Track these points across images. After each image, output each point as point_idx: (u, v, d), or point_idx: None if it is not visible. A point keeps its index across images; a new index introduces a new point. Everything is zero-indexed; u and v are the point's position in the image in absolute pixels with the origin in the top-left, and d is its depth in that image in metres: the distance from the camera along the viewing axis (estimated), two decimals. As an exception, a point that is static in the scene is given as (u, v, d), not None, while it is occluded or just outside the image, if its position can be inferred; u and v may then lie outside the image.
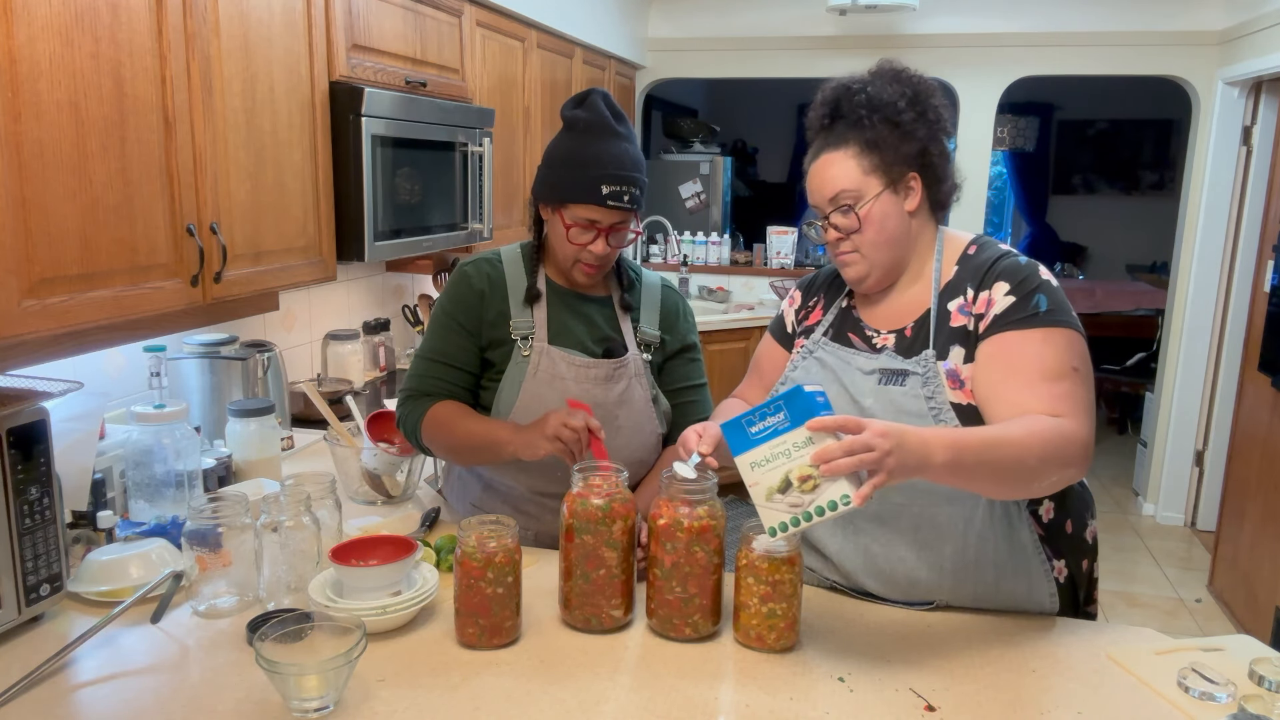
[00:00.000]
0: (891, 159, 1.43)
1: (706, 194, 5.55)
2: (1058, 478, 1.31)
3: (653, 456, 1.74)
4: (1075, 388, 1.34)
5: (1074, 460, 1.30)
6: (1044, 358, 1.34)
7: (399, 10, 2.53)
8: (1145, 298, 6.71)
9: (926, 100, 1.45)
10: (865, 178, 1.43)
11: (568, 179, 1.59)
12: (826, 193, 1.46)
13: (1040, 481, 1.31)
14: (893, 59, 1.51)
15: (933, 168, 1.46)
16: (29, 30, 1.41)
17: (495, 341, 1.68)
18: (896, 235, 1.45)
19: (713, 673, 1.28)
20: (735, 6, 4.87)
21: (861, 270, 1.48)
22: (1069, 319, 1.38)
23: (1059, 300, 1.39)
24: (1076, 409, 1.32)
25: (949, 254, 1.49)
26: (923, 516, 1.41)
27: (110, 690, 1.23)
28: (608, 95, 1.64)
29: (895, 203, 1.44)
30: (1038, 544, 1.43)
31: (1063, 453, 1.28)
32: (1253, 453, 3.56)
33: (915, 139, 1.43)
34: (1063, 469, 1.30)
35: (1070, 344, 1.36)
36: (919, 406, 1.39)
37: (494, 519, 1.36)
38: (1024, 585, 1.44)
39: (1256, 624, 3.38)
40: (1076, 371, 1.35)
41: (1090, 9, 4.44)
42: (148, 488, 1.77)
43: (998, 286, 1.40)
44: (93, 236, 1.55)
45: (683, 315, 1.80)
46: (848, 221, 1.45)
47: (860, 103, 1.44)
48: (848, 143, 1.44)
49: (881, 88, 1.44)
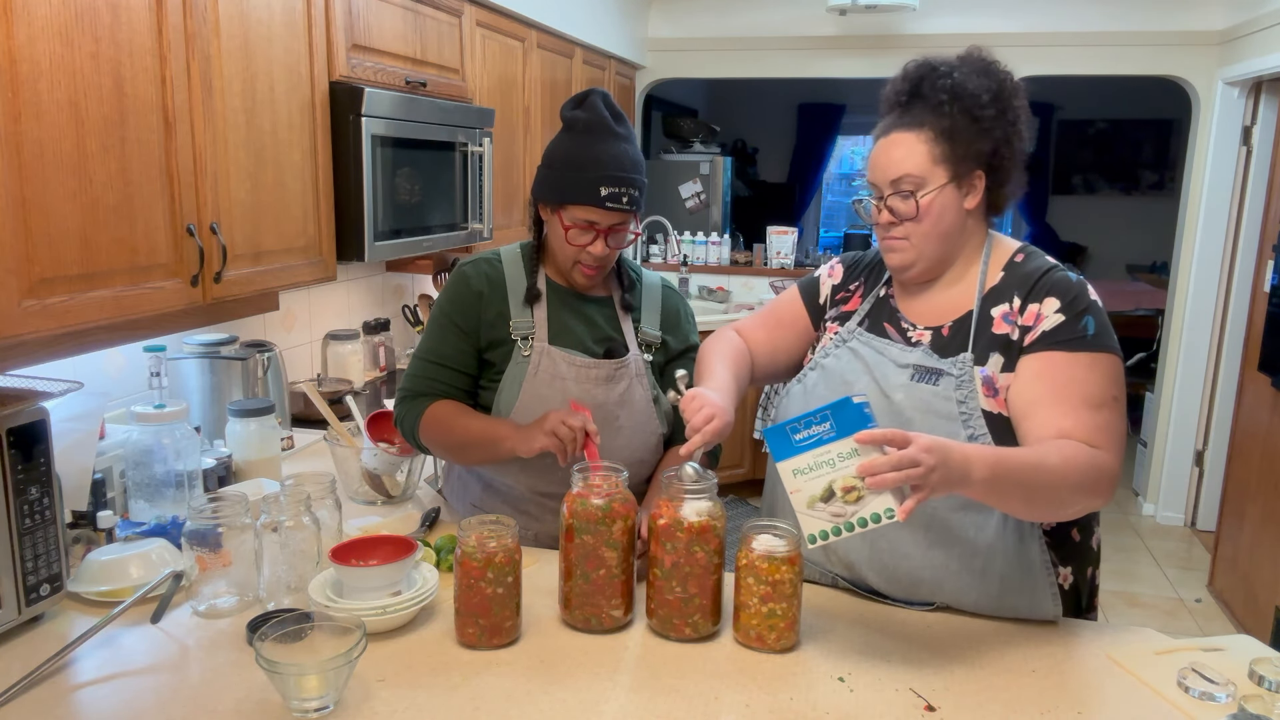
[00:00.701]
0: (963, 153, 1.40)
1: (706, 194, 5.55)
2: (1084, 506, 1.34)
3: (654, 457, 1.74)
4: (1113, 419, 1.35)
5: (1103, 491, 1.32)
6: (1088, 384, 1.35)
7: (399, 10, 2.53)
8: (1145, 298, 6.71)
9: (1010, 99, 1.42)
10: (933, 166, 1.40)
11: (567, 180, 1.59)
12: (891, 173, 1.42)
13: (1068, 509, 1.34)
14: (983, 48, 1.46)
15: (1001, 169, 1.44)
16: (29, 30, 1.41)
17: (495, 342, 1.68)
18: (950, 231, 1.43)
19: (713, 673, 1.28)
20: (735, 6, 4.87)
21: (907, 259, 1.45)
22: (1114, 344, 1.39)
23: (1105, 324, 1.39)
24: (1112, 442, 1.34)
25: (996, 258, 1.47)
26: (934, 518, 1.40)
27: (110, 690, 1.23)
28: (607, 96, 1.64)
29: (956, 198, 1.42)
30: (1046, 561, 1.42)
31: (1095, 484, 1.30)
32: (1253, 453, 3.56)
33: (991, 137, 1.41)
34: (1091, 499, 1.32)
35: (1114, 372, 1.37)
36: (949, 409, 1.38)
37: (494, 519, 1.36)
38: (1027, 600, 1.43)
39: (1256, 624, 3.38)
40: (1116, 401, 1.36)
41: (1090, 9, 4.44)
42: (148, 488, 1.77)
43: (1048, 302, 1.39)
44: (93, 236, 1.55)
45: (684, 316, 1.81)
46: (906, 207, 1.41)
47: (944, 87, 1.40)
48: (923, 126, 1.41)
49: (968, 76, 1.41)
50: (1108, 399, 1.35)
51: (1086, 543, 1.48)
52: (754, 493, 4.59)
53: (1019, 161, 1.45)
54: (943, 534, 1.40)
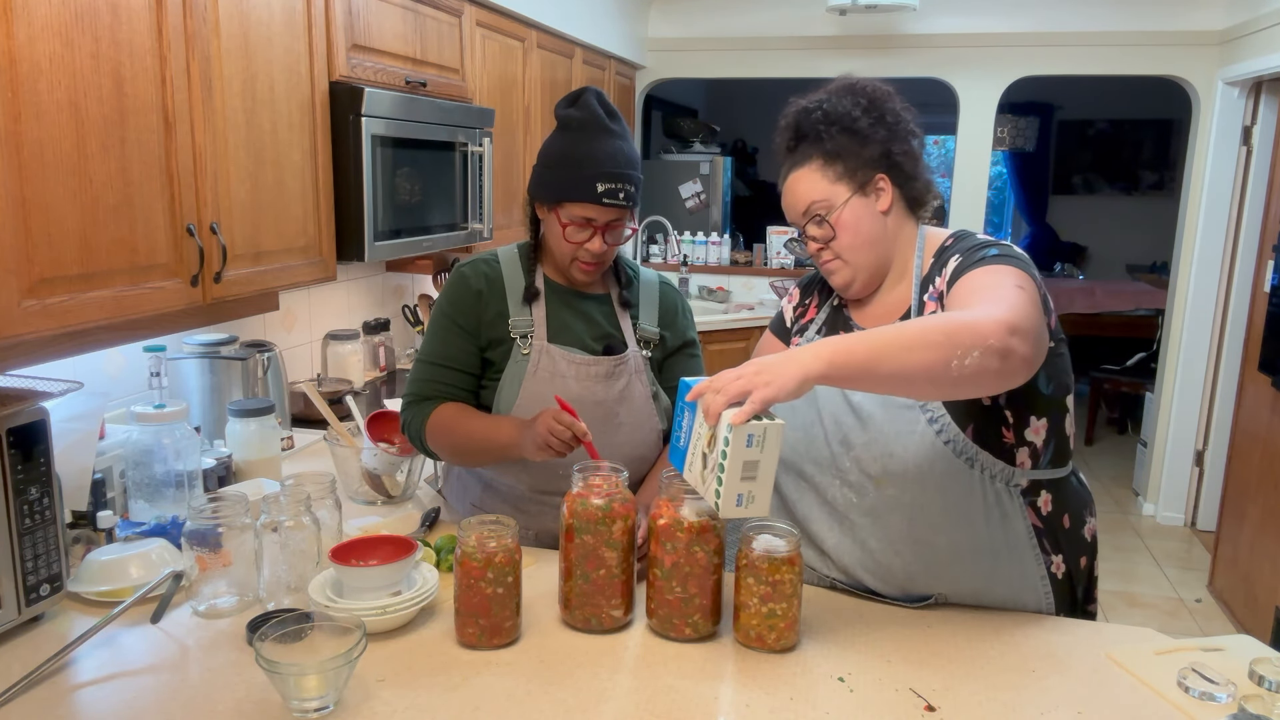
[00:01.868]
0: (855, 164, 1.47)
1: (706, 194, 5.55)
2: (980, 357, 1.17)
3: (653, 454, 1.75)
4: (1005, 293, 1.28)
5: (990, 334, 1.18)
6: (986, 282, 1.33)
7: (399, 10, 2.53)
8: (1145, 298, 6.70)
9: (883, 105, 1.49)
10: (832, 186, 1.47)
11: (563, 178, 1.59)
12: (800, 208, 1.50)
13: (958, 362, 1.17)
14: (849, 75, 1.54)
15: (899, 167, 1.48)
16: (29, 30, 1.41)
17: (494, 341, 1.68)
18: (873, 236, 1.48)
19: (713, 673, 1.28)
20: (735, 6, 4.87)
21: (847, 276, 1.50)
22: (1019, 261, 1.38)
23: (1009, 249, 1.40)
24: (994, 300, 1.26)
25: (929, 250, 1.51)
26: (916, 508, 1.41)
27: (110, 690, 1.23)
28: (601, 94, 1.64)
29: (867, 205, 1.48)
30: (1032, 534, 1.43)
31: (973, 328, 1.18)
32: (1253, 453, 3.56)
33: (875, 141, 1.47)
34: (980, 344, 1.17)
35: (1014, 271, 1.34)
36: (909, 400, 1.40)
37: (494, 519, 1.36)
38: (1018, 573, 1.44)
39: (1256, 624, 3.38)
40: (1020, 289, 1.30)
41: (1090, 9, 4.44)
42: (148, 488, 1.77)
43: (950, 261, 1.43)
44: (93, 236, 1.55)
45: (681, 312, 1.81)
46: (823, 231, 1.49)
47: (818, 119, 1.49)
48: (811, 158, 1.49)
49: (837, 102, 1.49)
50: (1007, 286, 1.30)
51: (1078, 531, 1.48)
52: (754, 493, 4.58)
53: (918, 157, 1.50)
54: (926, 526, 1.42)
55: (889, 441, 1.41)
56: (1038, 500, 1.44)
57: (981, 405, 1.39)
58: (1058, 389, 1.43)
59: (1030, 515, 1.43)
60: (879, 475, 1.42)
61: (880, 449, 1.41)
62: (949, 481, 1.39)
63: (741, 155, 7.96)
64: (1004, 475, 1.40)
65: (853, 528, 1.46)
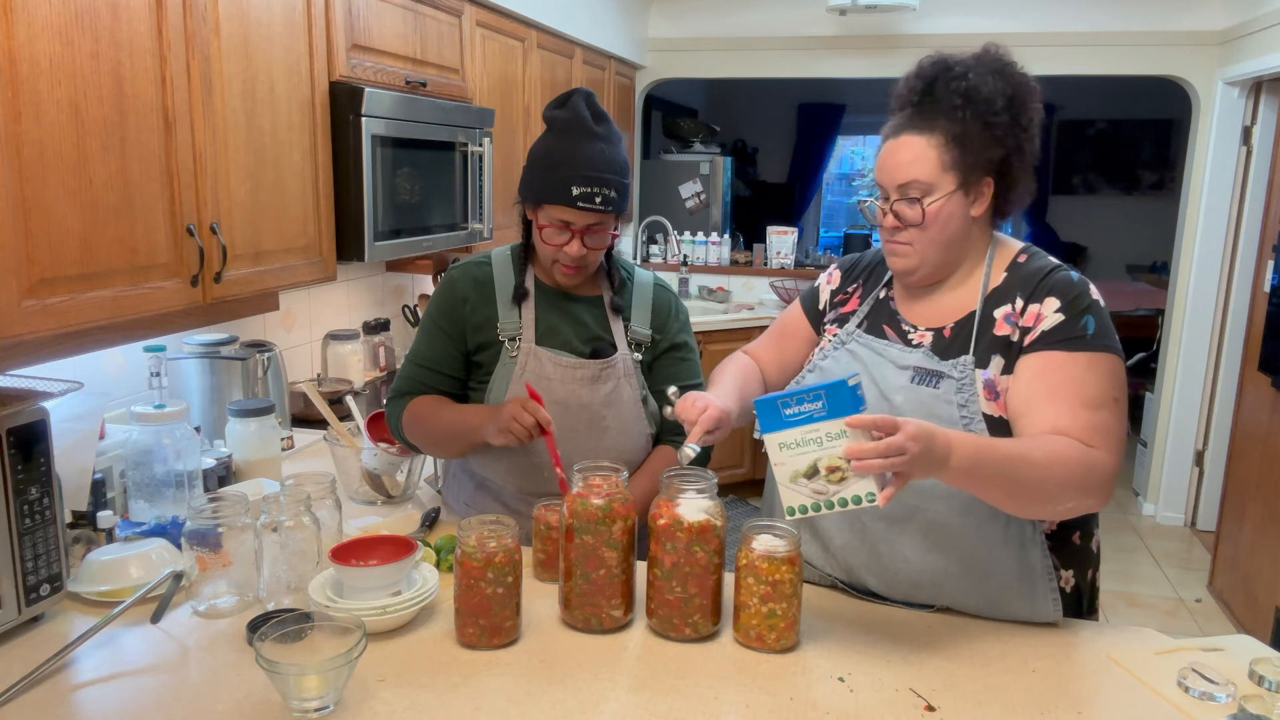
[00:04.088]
0: (973, 161, 1.38)
1: (706, 194, 5.55)
2: (1075, 505, 1.32)
3: (641, 457, 1.74)
4: (1112, 419, 1.33)
5: (1096, 491, 1.30)
6: (1086, 383, 1.33)
7: (399, 10, 2.53)
8: (1145, 298, 6.70)
9: (1024, 102, 1.39)
10: (942, 173, 1.38)
11: (542, 180, 1.60)
12: (899, 177, 1.40)
13: (1057, 506, 1.32)
14: (1000, 46, 1.42)
15: (1010, 176, 1.42)
16: (29, 30, 1.41)
17: (483, 345, 1.70)
18: (955, 237, 1.42)
19: (713, 673, 1.28)
20: (735, 6, 4.87)
21: (911, 264, 1.44)
22: (1115, 344, 1.37)
23: (1106, 324, 1.37)
24: (1109, 442, 1.32)
25: (999, 260, 1.46)
26: (935, 522, 1.40)
27: (110, 690, 1.23)
28: (591, 95, 1.64)
29: (963, 204, 1.40)
30: (1048, 565, 1.41)
31: (1086, 483, 1.28)
32: (1253, 453, 3.56)
33: (1003, 145, 1.38)
34: (1083, 498, 1.30)
35: (1114, 372, 1.35)
36: (950, 412, 1.37)
37: (494, 519, 1.36)
38: (1027, 604, 1.42)
39: (1256, 624, 3.38)
40: (1116, 402, 1.35)
41: (1090, 9, 4.44)
42: (148, 488, 1.77)
43: (1049, 301, 1.37)
44: (93, 236, 1.55)
45: (674, 314, 1.79)
46: (912, 213, 1.40)
47: (958, 90, 1.38)
48: (934, 130, 1.38)
49: (983, 78, 1.37)
50: (1107, 399, 1.34)
51: (1087, 545, 1.47)
52: (754, 493, 4.59)
53: (1029, 168, 1.43)
54: (942, 538, 1.40)
55: None
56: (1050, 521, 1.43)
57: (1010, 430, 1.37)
58: None
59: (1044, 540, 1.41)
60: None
61: None
62: (976, 501, 1.35)
63: (741, 155, 7.97)
64: None
65: (865, 530, 1.44)
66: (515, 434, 1.50)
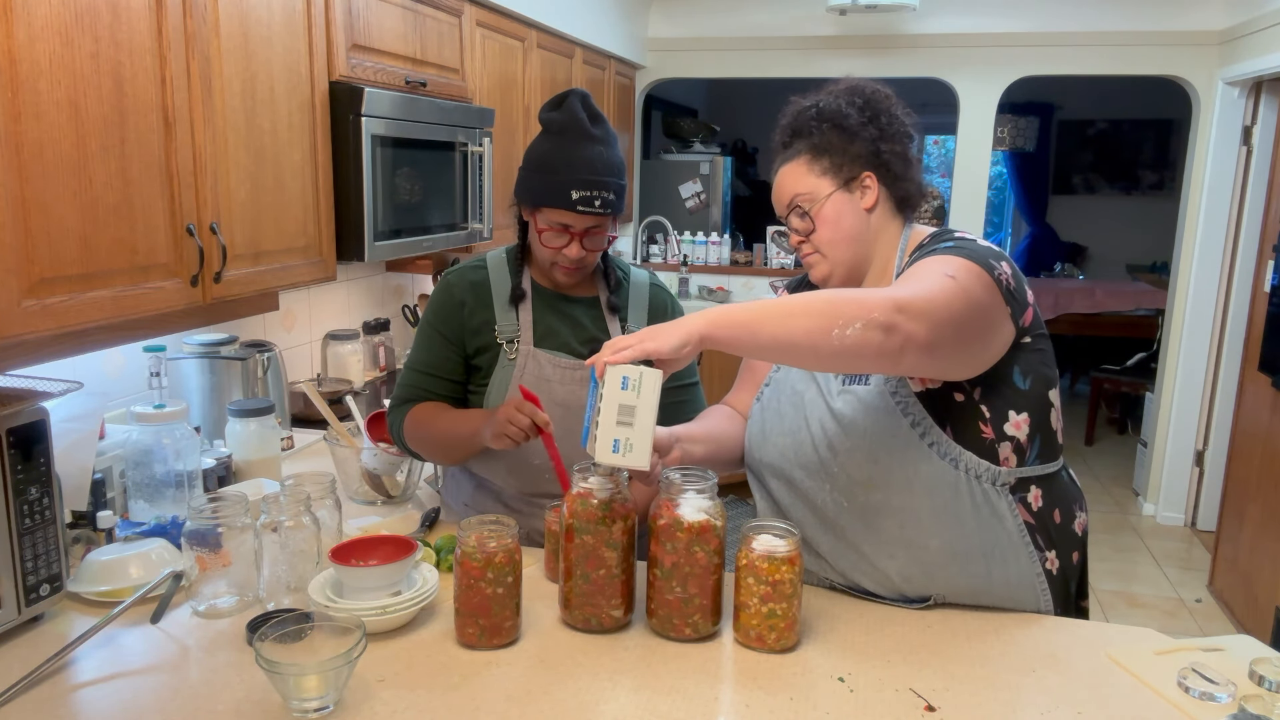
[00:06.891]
0: (841, 159, 1.47)
1: (706, 194, 5.55)
2: (861, 330, 1.18)
3: None
4: (933, 283, 1.27)
5: (875, 309, 1.19)
6: (919, 270, 1.33)
7: (399, 10, 2.53)
8: (1145, 298, 6.70)
9: (878, 105, 1.49)
10: (817, 180, 1.48)
11: (540, 183, 1.60)
12: (785, 199, 1.52)
13: (839, 332, 1.19)
14: (853, 77, 1.55)
15: (887, 166, 1.48)
16: (29, 30, 1.41)
17: (481, 348, 1.70)
18: (853, 233, 1.48)
19: (713, 673, 1.28)
20: (735, 6, 4.87)
21: (824, 270, 1.51)
22: (968, 251, 1.35)
23: (968, 242, 1.40)
24: (906, 282, 1.28)
25: (909, 249, 1.50)
26: (905, 512, 1.41)
27: (110, 690, 1.23)
28: (587, 97, 1.63)
29: (850, 201, 1.48)
30: (1024, 532, 1.42)
31: (859, 302, 1.20)
32: (1253, 453, 3.56)
33: (863, 139, 1.47)
34: (863, 316, 1.18)
35: (954, 261, 1.32)
36: (885, 402, 1.40)
37: (494, 519, 1.36)
38: (1013, 572, 1.43)
39: (1256, 624, 3.38)
40: (947, 277, 1.29)
41: (1090, 9, 4.44)
42: (148, 488, 1.77)
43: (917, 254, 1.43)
44: (92, 236, 1.55)
45: (671, 313, 1.80)
46: (804, 224, 1.50)
47: (810, 116, 1.50)
48: (800, 152, 1.50)
49: (832, 100, 1.50)
50: (936, 273, 1.29)
51: (1068, 526, 1.48)
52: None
53: (910, 159, 1.50)
54: (916, 528, 1.41)
55: (872, 446, 1.40)
56: (1028, 496, 1.43)
57: (955, 400, 1.39)
58: (1036, 383, 1.42)
59: (1022, 512, 1.42)
60: (865, 480, 1.41)
61: (864, 454, 1.41)
62: (935, 484, 1.38)
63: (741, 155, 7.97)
64: (989, 475, 1.39)
65: (844, 532, 1.46)
66: (511, 436, 1.50)
